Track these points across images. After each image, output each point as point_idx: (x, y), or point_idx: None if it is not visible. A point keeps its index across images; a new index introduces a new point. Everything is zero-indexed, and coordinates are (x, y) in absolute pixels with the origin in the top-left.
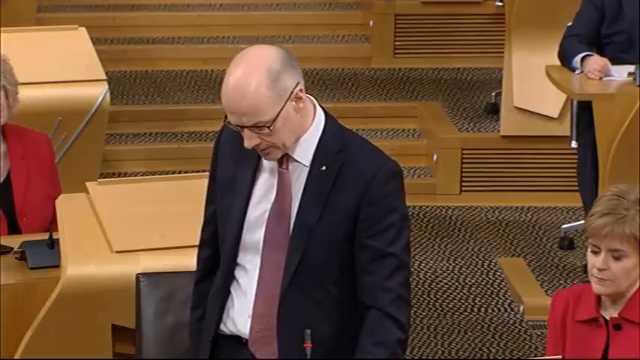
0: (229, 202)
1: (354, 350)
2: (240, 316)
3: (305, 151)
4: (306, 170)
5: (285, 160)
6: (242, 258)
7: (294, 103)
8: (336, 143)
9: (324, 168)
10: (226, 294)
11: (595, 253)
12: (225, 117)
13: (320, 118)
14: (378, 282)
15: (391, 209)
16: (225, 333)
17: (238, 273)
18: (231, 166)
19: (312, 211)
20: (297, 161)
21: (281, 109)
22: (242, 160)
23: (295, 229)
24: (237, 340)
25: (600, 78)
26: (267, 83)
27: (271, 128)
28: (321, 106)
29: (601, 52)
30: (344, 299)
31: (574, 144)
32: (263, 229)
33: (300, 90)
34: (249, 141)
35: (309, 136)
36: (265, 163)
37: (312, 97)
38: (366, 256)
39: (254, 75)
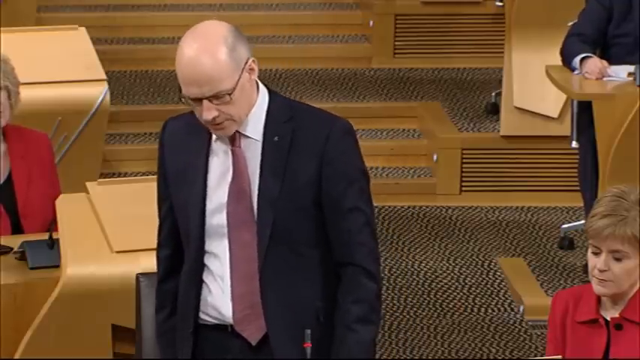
0: (185, 193)
1: None
2: (220, 300)
3: (254, 126)
4: (259, 144)
5: (236, 138)
6: (209, 245)
7: (247, 74)
8: (284, 112)
9: (276, 139)
10: (199, 284)
11: (596, 254)
12: (179, 91)
13: (263, 91)
14: (350, 238)
15: (350, 165)
16: (207, 322)
17: (208, 260)
18: (181, 158)
19: (273, 183)
20: (248, 137)
21: (239, 78)
22: (191, 150)
23: (260, 204)
24: (219, 328)
25: (597, 79)
26: (226, 51)
27: (232, 97)
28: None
29: (606, 54)
30: (321, 260)
31: (574, 144)
32: (225, 212)
33: (253, 61)
34: (209, 113)
35: (257, 110)
36: (216, 147)
37: None
38: (335, 214)
39: (212, 45)
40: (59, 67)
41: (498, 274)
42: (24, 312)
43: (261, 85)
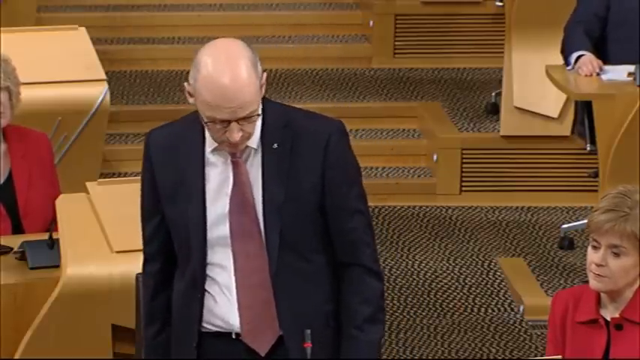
0: (182, 206)
1: None
2: (228, 310)
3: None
4: (257, 152)
5: None
6: (212, 256)
7: (263, 89)
8: (280, 118)
9: (275, 146)
10: (202, 295)
11: (595, 248)
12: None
13: None
14: (355, 239)
15: (350, 166)
16: (210, 330)
17: (212, 271)
18: (173, 172)
19: (277, 191)
20: (247, 146)
21: (261, 95)
22: (183, 162)
23: (266, 213)
24: (223, 335)
25: (592, 74)
26: (252, 71)
27: (259, 115)
28: None
29: (612, 34)
30: (327, 264)
31: (589, 147)
32: (227, 224)
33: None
34: (237, 134)
35: None
36: (212, 158)
37: None
38: (339, 217)
39: (241, 66)
40: (59, 67)
41: (498, 274)
42: (24, 312)
43: None
